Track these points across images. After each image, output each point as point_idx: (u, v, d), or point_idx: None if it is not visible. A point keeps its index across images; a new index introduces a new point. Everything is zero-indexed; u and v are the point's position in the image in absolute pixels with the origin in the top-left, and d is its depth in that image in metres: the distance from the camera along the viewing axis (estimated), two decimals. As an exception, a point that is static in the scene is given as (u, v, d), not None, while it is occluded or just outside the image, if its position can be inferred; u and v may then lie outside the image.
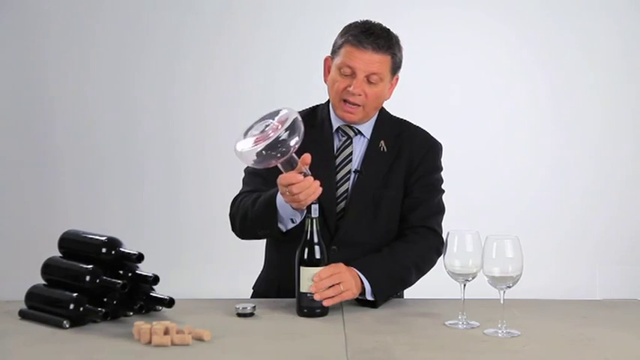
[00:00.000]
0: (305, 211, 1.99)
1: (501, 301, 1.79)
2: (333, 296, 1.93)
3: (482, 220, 3.78)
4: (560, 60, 4.53)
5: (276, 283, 2.24)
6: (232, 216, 2.22)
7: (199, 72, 4.54)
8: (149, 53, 4.52)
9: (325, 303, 1.92)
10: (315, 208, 1.93)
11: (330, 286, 1.93)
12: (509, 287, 1.78)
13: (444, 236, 1.89)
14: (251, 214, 2.11)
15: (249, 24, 4.51)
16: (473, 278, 1.84)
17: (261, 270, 2.40)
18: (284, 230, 2.09)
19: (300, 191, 1.91)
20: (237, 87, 4.51)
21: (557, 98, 4.55)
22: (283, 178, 1.93)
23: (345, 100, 2.18)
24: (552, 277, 4.30)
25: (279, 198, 2.02)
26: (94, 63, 4.52)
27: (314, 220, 1.93)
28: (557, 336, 1.79)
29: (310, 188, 1.92)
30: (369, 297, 2.04)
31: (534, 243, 3.29)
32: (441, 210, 2.26)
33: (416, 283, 2.16)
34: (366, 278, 2.02)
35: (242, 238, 2.23)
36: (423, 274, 2.16)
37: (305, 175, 1.93)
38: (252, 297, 2.37)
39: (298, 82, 4.32)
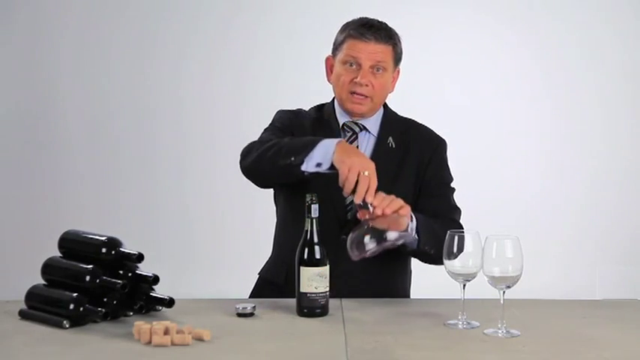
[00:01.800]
0: (327, 168, 2.03)
1: (501, 301, 1.79)
2: (401, 207, 1.96)
3: (483, 220, 3.77)
4: (560, 60, 4.52)
5: (284, 267, 2.21)
6: (249, 147, 2.19)
7: (209, 72, 4.52)
8: (157, 53, 4.51)
9: (402, 212, 1.96)
10: (315, 209, 1.93)
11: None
12: (509, 287, 1.78)
13: None
14: (283, 143, 2.10)
15: (255, 26, 4.51)
16: (473, 278, 1.84)
17: (269, 256, 2.40)
18: (303, 169, 2.06)
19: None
20: (246, 87, 4.51)
21: (557, 98, 4.54)
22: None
23: (352, 93, 2.21)
24: (552, 277, 4.30)
25: (329, 140, 2.03)
26: (103, 63, 4.51)
27: (314, 220, 1.93)
28: (557, 336, 1.79)
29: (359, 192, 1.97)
30: (412, 233, 2.05)
31: (534, 243, 3.28)
32: (459, 208, 2.30)
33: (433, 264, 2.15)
34: (414, 216, 2.06)
35: (246, 170, 2.20)
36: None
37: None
38: (257, 283, 2.37)
39: (303, 83, 4.32)
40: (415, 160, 2.27)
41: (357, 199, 1.96)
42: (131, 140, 4.53)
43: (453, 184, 2.34)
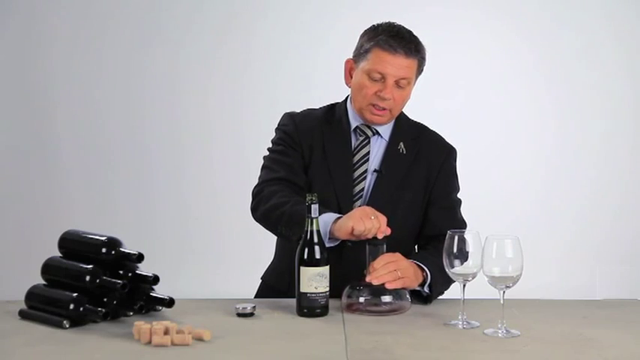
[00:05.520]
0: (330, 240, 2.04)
1: (501, 301, 1.79)
2: (393, 280, 1.95)
3: (483, 220, 3.78)
4: (560, 60, 4.52)
5: (287, 274, 2.20)
6: (260, 198, 2.20)
7: (206, 72, 4.52)
8: (155, 51, 4.51)
9: (388, 285, 1.94)
10: (315, 209, 1.93)
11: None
12: (509, 287, 1.78)
13: None
14: (284, 209, 2.10)
15: (254, 26, 4.51)
16: (473, 278, 1.85)
17: (271, 261, 2.40)
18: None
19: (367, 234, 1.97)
20: (242, 86, 4.51)
21: (557, 98, 4.54)
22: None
23: (373, 104, 2.20)
24: (552, 277, 4.30)
25: (325, 218, 2.01)
26: (99, 62, 4.51)
27: (314, 220, 1.93)
28: (557, 336, 1.79)
29: (374, 228, 1.97)
30: (425, 289, 2.06)
31: (534, 243, 3.29)
32: (465, 223, 2.29)
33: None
34: (427, 269, 2.05)
35: (257, 221, 2.22)
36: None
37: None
38: (260, 287, 2.38)
39: (302, 82, 4.33)
40: (425, 167, 2.27)
41: (379, 234, 1.97)
42: (132, 140, 4.53)
43: (459, 194, 2.34)
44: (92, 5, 4.50)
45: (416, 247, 2.30)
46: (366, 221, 1.95)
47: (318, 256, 1.92)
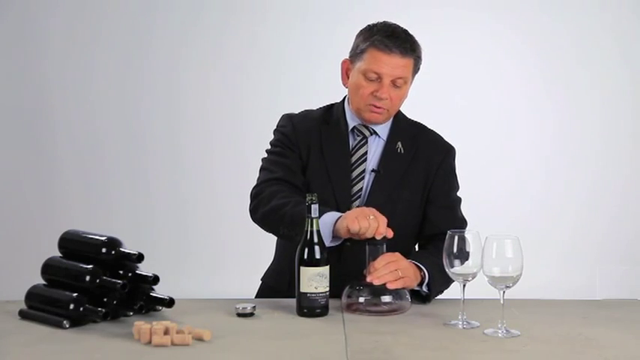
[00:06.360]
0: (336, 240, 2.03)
1: (501, 301, 1.80)
2: (394, 280, 1.94)
3: (483, 220, 3.78)
4: (560, 60, 4.52)
5: (287, 275, 2.20)
6: (259, 199, 2.19)
7: (204, 72, 4.52)
8: (154, 51, 4.51)
9: (389, 285, 1.93)
10: (315, 209, 1.93)
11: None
12: (509, 287, 1.78)
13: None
14: (285, 210, 2.09)
15: (254, 26, 4.51)
16: (473, 278, 1.84)
17: (270, 262, 2.40)
18: None
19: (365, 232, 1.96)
20: (241, 86, 4.51)
21: (557, 98, 4.54)
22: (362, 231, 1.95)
23: (370, 104, 2.20)
24: (552, 277, 4.30)
25: (326, 219, 2.01)
26: (96, 62, 4.50)
27: (314, 220, 1.93)
28: (557, 336, 1.79)
29: (371, 228, 1.96)
30: (424, 288, 2.06)
31: (534, 243, 3.29)
32: (465, 220, 2.29)
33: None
34: (425, 268, 2.04)
35: (256, 222, 2.22)
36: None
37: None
38: (260, 289, 2.38)
39: (302, 83, 4.33)
40: (423, 166, 2.27)
41: (377, 235, 1.96)
42: (131, 140, 4.53)
43: (459, 192, 2.34)
44: (88, 5, 4.49)
45: (416, 246, 2.30)
46: (362, 221, 1.95)
47: (318, 256, 1.92)
